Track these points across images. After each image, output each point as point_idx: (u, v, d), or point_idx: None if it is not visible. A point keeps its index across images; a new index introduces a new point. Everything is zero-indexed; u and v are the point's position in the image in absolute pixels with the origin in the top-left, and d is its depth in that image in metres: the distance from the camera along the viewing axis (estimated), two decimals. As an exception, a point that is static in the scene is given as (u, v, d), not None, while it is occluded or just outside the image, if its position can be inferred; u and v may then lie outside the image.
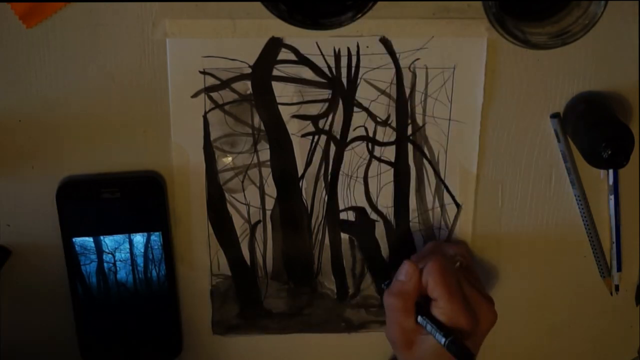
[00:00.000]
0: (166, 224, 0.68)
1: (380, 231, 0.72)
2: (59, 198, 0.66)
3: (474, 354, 0.62)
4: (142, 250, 0.69)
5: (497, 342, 0.76)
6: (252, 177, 0.69)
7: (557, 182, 0.71)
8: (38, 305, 0.71)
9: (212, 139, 0.67)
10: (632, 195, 0.72)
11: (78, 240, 0.67)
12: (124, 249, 0.68)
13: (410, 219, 0.71)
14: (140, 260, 0.69)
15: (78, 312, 0.70)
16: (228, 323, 0.74)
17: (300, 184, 0.70)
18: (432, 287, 0.63)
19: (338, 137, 0.68)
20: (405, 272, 0.64)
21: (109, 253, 0.68)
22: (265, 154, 0.68)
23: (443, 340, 0.61)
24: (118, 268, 0.69)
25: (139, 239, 0.68)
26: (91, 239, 0.68)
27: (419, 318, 0.63)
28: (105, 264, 0.68)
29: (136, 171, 0.67)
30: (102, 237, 0.68)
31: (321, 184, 0.70)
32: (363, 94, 0.67)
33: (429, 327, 0.63)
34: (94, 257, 0.68)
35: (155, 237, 0.68)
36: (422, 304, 0.64)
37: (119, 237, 0.68)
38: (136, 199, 0.67)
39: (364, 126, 0.68)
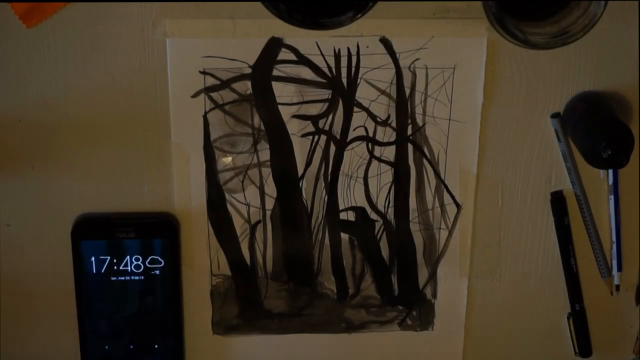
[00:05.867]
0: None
1: (380, 231, 0.72)
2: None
3: None
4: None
5: (496, 340, 0.76)
6: (252, 177, 0.69)
7: (557, 182, 0.71)
8: (39, 305, 0.71)
9: (212, 139, 0.67)
10: (632, 195, 0.72)
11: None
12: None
13: (410, 219, 0.71)
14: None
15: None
16: (228, 323, 0.74)
17: (300, 184, 0.70)
18: None
19: (338, 137, 0.68)
20: None
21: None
22: (265, 154, 0.68)
23: None
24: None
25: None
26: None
27: None
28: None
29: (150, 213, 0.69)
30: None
31: (321, 184, 0.70)
32: (363, 94, 0.67)
33: None
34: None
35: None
36: None
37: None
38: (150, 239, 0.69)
39: (364, 126, 0.68)
